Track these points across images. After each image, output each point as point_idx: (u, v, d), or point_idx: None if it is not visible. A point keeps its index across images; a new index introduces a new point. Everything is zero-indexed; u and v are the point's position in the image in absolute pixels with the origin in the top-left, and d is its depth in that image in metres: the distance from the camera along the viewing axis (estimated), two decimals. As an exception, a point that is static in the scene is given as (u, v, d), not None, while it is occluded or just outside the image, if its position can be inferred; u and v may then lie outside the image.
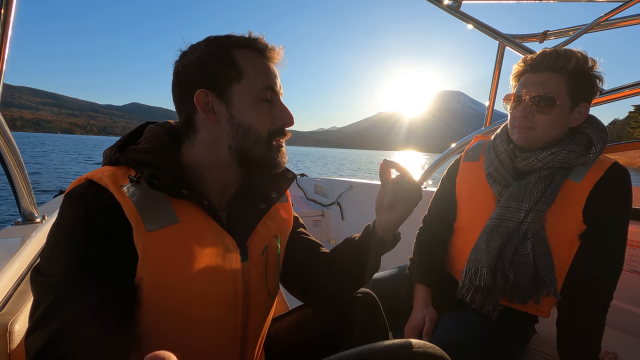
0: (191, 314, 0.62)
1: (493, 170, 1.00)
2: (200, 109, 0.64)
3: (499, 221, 0.93)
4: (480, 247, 0.94)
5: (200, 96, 0.63)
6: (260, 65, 0.66)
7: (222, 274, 0.64)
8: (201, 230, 0.62)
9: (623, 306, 1.25)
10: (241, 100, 0.64)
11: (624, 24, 1.58)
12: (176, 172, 0.62)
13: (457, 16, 1.83)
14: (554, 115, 0.90)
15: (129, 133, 0.69)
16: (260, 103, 0.65)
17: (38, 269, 0.54)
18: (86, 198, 0.55)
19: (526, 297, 0.92)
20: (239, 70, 0.64)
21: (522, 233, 0.91)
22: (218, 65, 0.64)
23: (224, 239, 0.65)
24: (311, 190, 3.35)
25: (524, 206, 0.91)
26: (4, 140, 1.21)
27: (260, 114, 0.65)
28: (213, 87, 0.64)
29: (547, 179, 0.91)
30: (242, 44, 0.65)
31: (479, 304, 0.94)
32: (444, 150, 2.12)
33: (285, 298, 1.22)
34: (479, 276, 0.92)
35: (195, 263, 0.60)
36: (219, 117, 0.65)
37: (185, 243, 0.60)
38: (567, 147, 0.90)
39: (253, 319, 0.71)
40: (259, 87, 0.64)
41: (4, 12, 1.04)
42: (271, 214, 0.76)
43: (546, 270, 0.89)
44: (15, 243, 1.10)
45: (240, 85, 0.64)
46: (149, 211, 0.57)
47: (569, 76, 0.89)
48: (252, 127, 0.65)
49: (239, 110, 0.64)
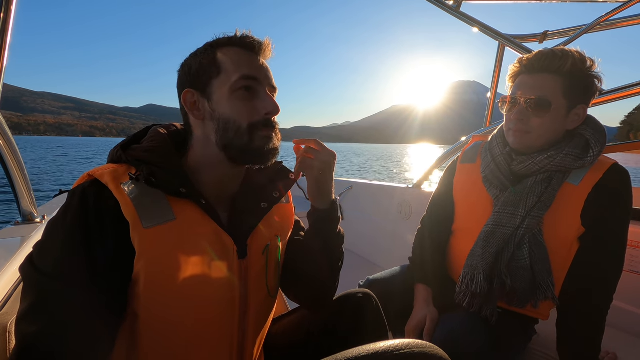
0: (188, 309, 0.62)
1: (489, 173, 1.00)
2: (187, 107, 0.67)
3: (495, 227, 0.92)
4: (476, 253, 0.94)
5: (187, 95, 0.66)
6: (239, 57, 0.66)
7: (219, 270, 0.65)
8: (198, 228, 0.63)
9: (623, 306, 1.25)
10: (219, 93, 0.65)
11: (624, 24, 1.59)
12: (174, 170, 0.63)
13: (457, 16, 1.83)
14: (549, 118, 0.88)
15: (134, 134, 0.71)
16: (237, 94, 0.65)
17: (32, 260, 0.55)
18: (86, 196, 0.57)
19: (524, 301, 0.92)
20: (218, 66, 0.65)
21: (518, 239, 0.90)
22: (200, 64, 0.66)
23: (221, 236, 0.66)
24: None
25: (520, 212, 0.90)
26: (4, 140, 1.21)
27: (237, 105, 0.65)
28: (196, 86, 0.66)
29: (544, 183, 0.90)
30: (226, 43, 0.67)
31: (477, 309, 0.94)
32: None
33: (285, 298, 1.22)
34: (475, 282, 0.92)
35: (191, 260, 0.61)
36: (203, 114, 0.66)
37: (181, 240, 0.60)
38: (563, 150, 0.89)
39: (252, 317, 0.71)
40: (235, 78, 0.64)
41: (4, 13, 1.04)
42: (273, 214, 0.76)
43: (543, 275, 0.88)
44: (15, 243, 1.11)
45: (219, 79, 0.65)
46: (147, 208, 0.58)
47: (566, 77, 0.88)
48: (230, 119, 0.64)
49: (217, 103, 0.65)
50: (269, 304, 0.78)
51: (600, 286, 0.88)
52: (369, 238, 2.52)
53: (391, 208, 2.39)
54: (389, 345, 0.58)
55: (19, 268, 0.55)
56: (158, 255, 0.58)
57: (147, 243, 0.57)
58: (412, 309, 1.05)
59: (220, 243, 0.65)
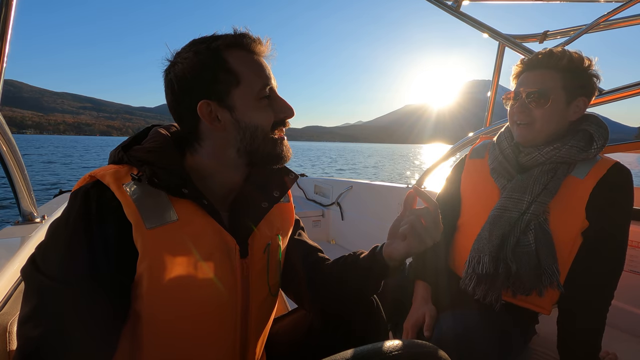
0: (190, 309, 0.62)
1: (497, 165, 1.04)
2: (205, 119, 0.64)
3: (502, 211, 0.95)
4: (482, 236, 0.96)
5: (203, 107, 0.63)
6: (253, 64, 0.66)
7: (221, 270, 0.65)
8: (200, 229, 0.63)
9: (623, 306, 1.25)
10: (243, 104, 0.64)
11: (624, 24, 1.59)
12: (177, 171, 0.63)
13: (457, 16, 1.83)
14: (550, 109, 0.93)
15: (135, 134, 0.71)
16: (262, 102, 0.66)
17: (34, 262, 0.55)
18: (89, 198, 0.56)
19: (529, 288, 0.92)
20: (235, 75, 0.63)
21: (524, 224, 0.92)
22: (213, 72, 0.63)
23: (223, 236, 0.66)
24: (311, 191, 3.35)
25: (527, 197, 0.93)
26: (4, 140, 1.21)
27: (263, 113, 0.66)
28: (213, 96, 0.63)
29: (550, 172, 0.94)
30: (230, 44, 0.64)
31: (481, 295, 0.95)
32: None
33: (285, 299, 1.22)
34: (482, 264, 0.93)
35: (193, 260, 0.61)
36: (224, 124, 0.65)
37: (183, 240, 0.60)
38: (568, 142, 0.92)
39: (254, 316, 0.72)
40: (257, 88, 0.65)
41: (4, 11, 1.04)
42: (273, 213, 0.76)
43: (549, 261, 0.89)
44: (15, 243, 1.10)
45: (240, 89, 0.64)
46: (149, 209, 0.58)
47: (564, 72, 0.92)
48: (259, 127, 0.66)
49: (243, 113, 0.65)
50: (270, 303, 0.78)
51: (601, 285, 0.88)
52: (369, 238, 2.52)
53: (391, 208, 2.39)
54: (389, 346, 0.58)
55: (20, 270, 0.55)
56: (161, 256, 0.58)
57: (150, 244, 0.57)
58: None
59: (223, 243, 0.65)
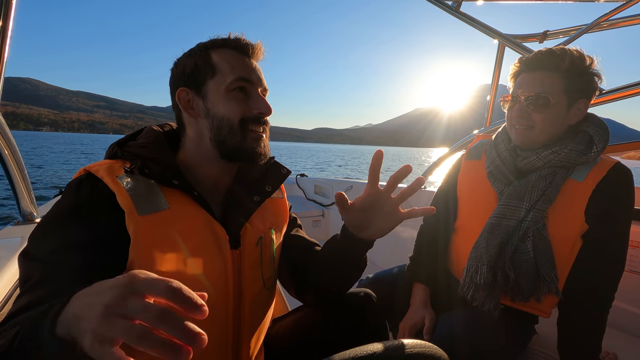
0: None
1: (494, 168, 1.01)
2: (181, 105, 0.69)
3: (499, 219, 0.93)
4: (480, 245, 0.94)
5: (181, 94, 0.69)
6: (234, 59, 0.69)
7: (211, 259, 0.66)
8: (190, 218, 0.65)
9: (623, 306, 1.25)
10: (215, 93, 0.68)
11: (624, 24, 1.59)
12: (167, 163, 0.66)
13: (457, 16, 1.83)
14: (550, 113, 0.90)
15: (132, 133, 0.74)
16: (233, 94, 0.68)
17: (26, 251, 0.55)
18: (82, 188, 0.59)
19: (527, 295, 0.92)
20: (213, 67, 0.68)
21: (522, 231, 0.91)
22: (195, 64, 0.68)
23: (213, 226, 0.67)
24: (311, 191, 3.35)
25: (525, 204, 0.91)
26: (4, 140, 1.21)
27: (231, 104, 0.68)
28: (191, 85, 0.69)
29: (548, 178, 0.91)
30: (221, 45, 0.70)
31: (480, 302, 0.94)
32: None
33: (285, 299, 1.22)
34: (479, 274, 0.92)
35: (183, 247, 0.63)
36: (197, 112, 0.69)
37: (174, 228, 0.62)
38: (568, 146, 0.89)
39: (247, 308, 0.72)
40: (230, 79, 0.67)
41: (4, 11, 1.04)
42: (266, 207, 0.78)
43: (547, 268, 0.88)
44: (15, 243, 1.11)
45: (214, 79, 0.68)
46: (142, 198, 0.61)
47: (565, 74, 0.89)
48: (225, 117, 0.67)
49: (213, 103, 0.68)
50: (266, 297, 0.78)
51: (602, 285, 0.88)
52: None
53: None
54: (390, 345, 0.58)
55: (17, 258, 0.56)
56: (152, 242, 0.60)
57: (142, 230, 0.59)
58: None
59: (213, 232, 0.67)
